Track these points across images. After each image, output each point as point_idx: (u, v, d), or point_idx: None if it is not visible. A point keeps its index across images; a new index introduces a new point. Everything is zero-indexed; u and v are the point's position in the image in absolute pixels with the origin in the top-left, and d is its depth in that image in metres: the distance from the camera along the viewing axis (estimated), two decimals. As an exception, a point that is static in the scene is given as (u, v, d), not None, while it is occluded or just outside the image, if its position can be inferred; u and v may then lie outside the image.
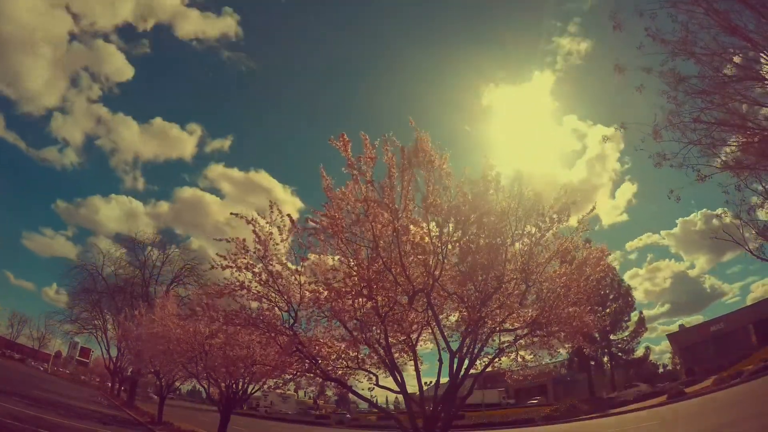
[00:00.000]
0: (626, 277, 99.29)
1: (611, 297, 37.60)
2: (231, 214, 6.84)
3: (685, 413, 16.32)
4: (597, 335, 34.59)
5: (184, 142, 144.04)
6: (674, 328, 50.39)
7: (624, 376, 40.82)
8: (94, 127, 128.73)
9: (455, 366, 7.24)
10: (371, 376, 7.81)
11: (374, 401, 9.13)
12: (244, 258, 6.98)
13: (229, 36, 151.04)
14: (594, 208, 7.82)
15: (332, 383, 8.27)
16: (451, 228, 6.93)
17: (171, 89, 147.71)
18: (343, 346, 7.53)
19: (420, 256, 6.86)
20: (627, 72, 7.21)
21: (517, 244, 7.18)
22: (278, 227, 7.00)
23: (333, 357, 7.51)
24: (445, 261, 6.96)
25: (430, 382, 7.57)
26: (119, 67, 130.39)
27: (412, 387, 7.64)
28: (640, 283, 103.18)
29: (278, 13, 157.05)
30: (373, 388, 7.86)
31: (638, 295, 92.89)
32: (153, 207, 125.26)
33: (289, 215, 7.06)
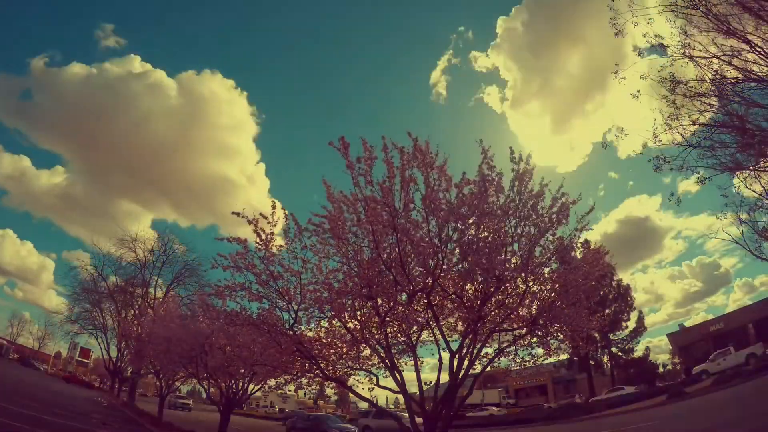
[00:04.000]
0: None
1: (610, 297, 37.58)
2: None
3: (685, 413, 16.34)
4: (597, 335, 34.59)
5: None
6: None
7: (624, 375, 40.79)
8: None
9: (455, 366, 7.27)
10: (371, 376, 7.84)
11: (374, 401, 9.16)
12: (245, 258, 7.02)
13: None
14: (593, 208, 7.85)
15: (332, 383, 8.30)
16: (450, 228, 6.96)
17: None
18: (344, 346, 7.56)
19: (420, 256, 6.89)
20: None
21: (516, 245, 7.20)
22: (284, 229, 7.06)
23: (333, 357, 7.54)
24: (445, 261, 6.99)
25: (431, 382, 7.61)
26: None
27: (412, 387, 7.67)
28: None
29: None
30: (374, 388, 7.90)
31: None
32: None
33: (292, 214, 7.11)
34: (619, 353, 39.07)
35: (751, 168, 8.27)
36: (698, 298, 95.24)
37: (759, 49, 6.46)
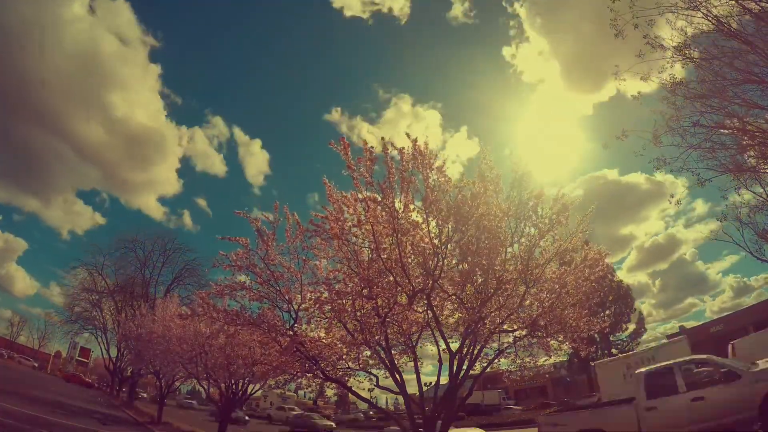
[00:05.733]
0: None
1: (610, 298, 37.54)
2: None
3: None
4: (597, 336, 34.57)
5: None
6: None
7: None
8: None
9: (455, 367, 7.27)
10: (372, 377, 7.84)
11: (374, 402, 9.16)
12: (246, 258, 7.04)
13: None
14: (593, 209, 7.85)
15: (332, 383, 8.30)
16: (450, 229, 6.96)
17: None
18: (345, 347, 7.55)
19: (419, 257, 6.89)
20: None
21: (516, 245, 7.21)
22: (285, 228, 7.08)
23: (334, 358, 7.54)
24: (445, 262, 6.99)
25: (431, 383, 7.61)
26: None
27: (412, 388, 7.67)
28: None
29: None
30: (374, 389, 7.90)
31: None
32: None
33: (294, 214, 7.12)
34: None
35: (751, 170, 8.27)
36: (682, 299, 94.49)
37: (760, 51, 6.46)
